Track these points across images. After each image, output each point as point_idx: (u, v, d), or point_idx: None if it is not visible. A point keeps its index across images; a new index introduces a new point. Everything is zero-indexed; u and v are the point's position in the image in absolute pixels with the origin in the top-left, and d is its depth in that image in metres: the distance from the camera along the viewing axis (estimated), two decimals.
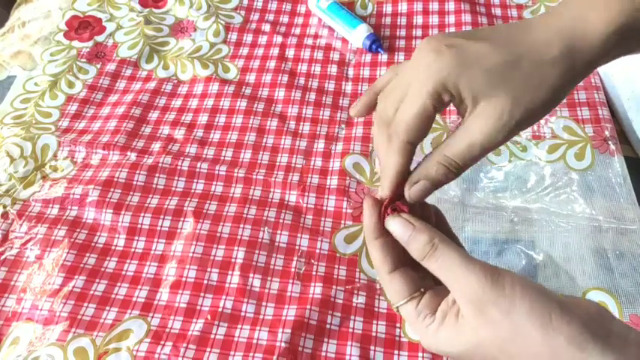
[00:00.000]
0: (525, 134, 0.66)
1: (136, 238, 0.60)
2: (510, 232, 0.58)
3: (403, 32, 0.80)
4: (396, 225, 0.36)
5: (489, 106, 0.34)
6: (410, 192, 0.36)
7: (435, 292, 0.35)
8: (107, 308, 0.55)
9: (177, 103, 0.74)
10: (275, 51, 0.79)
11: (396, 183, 0.37)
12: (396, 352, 0.52)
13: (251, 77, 0.77)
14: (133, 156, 0.67)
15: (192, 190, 0.64)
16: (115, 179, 0.64)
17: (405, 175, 0.37)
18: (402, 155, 0.36)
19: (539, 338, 0.29)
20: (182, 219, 0.61)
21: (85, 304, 0.55)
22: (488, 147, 0.34)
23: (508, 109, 0.33)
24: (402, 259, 0.37)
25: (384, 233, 0.37)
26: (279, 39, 0.81)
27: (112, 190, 0.63)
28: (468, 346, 0.32)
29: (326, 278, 0.56)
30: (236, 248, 0.58)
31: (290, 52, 0.79)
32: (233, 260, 0.58)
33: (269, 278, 0.56)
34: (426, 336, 0.34)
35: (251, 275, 0.57)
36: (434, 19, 0.81)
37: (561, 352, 0.29)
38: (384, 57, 0.77)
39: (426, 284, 0.36)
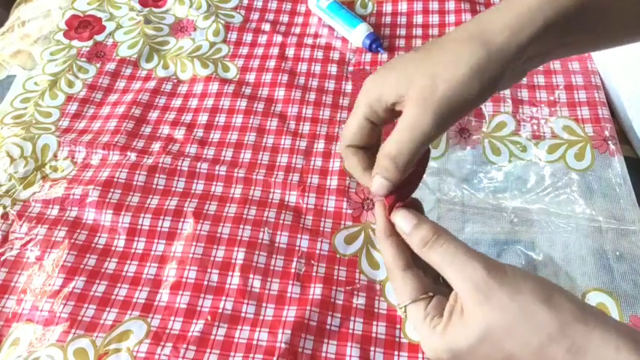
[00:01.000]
0: (525, 134, 0.66)
1: (136, 238, 0.60)
2: (510, 232, 0.58)
3: (403, 31, 0.80)
4: (401, 216, 0.38)
5: (412, 92, 0.35)
6: (372, 188, 0.38)
7: (443, 297, 0.36)
8: (107, 309, 0.55)
9: (177, 102, 0.74)
10: (275, 50, 0.79)
11: (364, 174, 0.40)
12: (396, 352, 0.52)
13: (251, 77, 0.76)
14: (133, 156, 0.67)
15: (192, 191, 0.64)
16: (115, 179, 0.64)
17: (363, 170, 0.40)
18: (350, 155, 0.41)
19: (547, 315, 0.30)
20: (182, 219, 0.61)
21: (85, 305, 0.55)
22: (419, 130, 0.35)
23: (427, 85, 0.34)
24: (412, 261, 0.38)
25: (396, 233, 0.39)
26: (279, 38, 0.81)
27: (112, 190, 0.63)
28: (477, 335, 0.32)
29: (326, 279, 0.56)
30: (236, 249, 0.58)
31: (290, 52, 0.79)
32: (233, 261, 0.58)
33: (269, 279, 0.57)
34: (432, 338, 0.35)
35: (251, 276, 0.57)
36: (434, 19, 0.81)
37: (567, 330, 0.30)
38: (384, 56, 0.77)
39: (434, 289, 0.37)
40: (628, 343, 0.29)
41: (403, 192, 0.39)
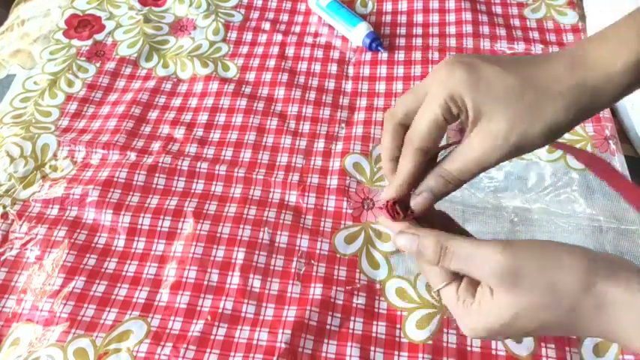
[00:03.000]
0: None
1: (136, 238, 0.60)
2: (510, 232, 0.58)
3: (403, 30, 0.80)
4: (403, 241, 0.39)
5: (488, 126, 0.35)
6: (414, 203, 0.39)
7: (471, 280, 0.38)
8: (107, 309, 0.55)
9: (176, 102, 0.74)
10: (275, 49, 0.79)
11: (407, 186, 0.39)
12: (396, 352, 0.52)
13: (251, 76, 0.76)
14: (132, 156, 0.67)
15: (192, 190, 0.64)
16: (115, 179, 0.64)
17: (415, 179, 0.39)
18: (414, 159, 0.38)
19: (571, 282, 0.33)
20: (182, 219, 0.61)
21: (85, 305, 0.55)
22: (484, 164, 0.36)
23: (504, 132, 0.35)
24: None
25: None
26: (279, 37, 0.81)
27: (111, 190, 0.63)
28: (510, 315, 0.34)
29: (326, 279, 0.56)
30: (236, 249, 0.58)
31: (290, 51, 0.79)
32: (233, 261, 0.58)
33: (269, 279, 0.56)
34: (468, 318, 0.37)
35: (251, 276, 0.56)
36: (434, 18, 0.80)
37: (592, 285, 0.32)
38: (384, 55, 0.77)
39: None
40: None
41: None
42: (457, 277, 0.38)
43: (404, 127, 0.39)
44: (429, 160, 0.39)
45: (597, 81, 0.35)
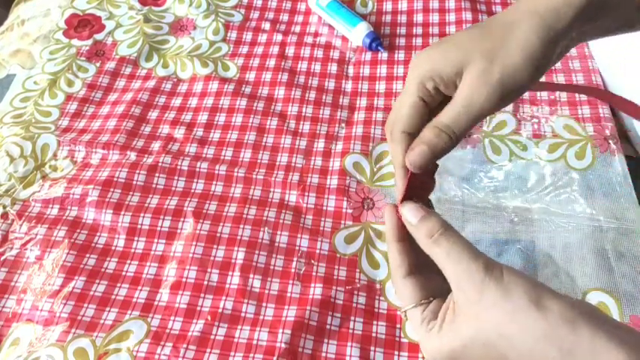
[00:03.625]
0: (526, 133, 0.66)
1: (136, 238, 0.60)
2: (510, 232, 0.58)
3: (403, 30, 0.80)
4: (409, 209, 0.38)
5: (469, 71, 0.36)
6: (409, 157, 0.38)
7: (440, 301, 0.37)
8: (107, 309, 0.55)
9: (176, 102, 0.74)
10: (275, 49, 0.79)
11: (403, 168, 0.39)
12: (396, 352, 0.52)
13: (251, 76, 0.76)
14: (132, 155, 0.67)
15: (192, 190, 0.64)
16: (115, 179, 0.64)
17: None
18: (401, 144, 0.39)
19: (536, 314, 0.30)
20: (182, 219, 0.61)
21: (85, 305, 0.55)
22: (475, 109, 0.36)
23: (486, 68, 0.36)
24: (416, 267, 0.39)
25: (404, 238, 0.39)
26: (279, 37, 0.81)
27: (111, 190, 0.63)
28: (470, 333, 0.32)
29: (326, 279, 0.56)
30: (236, 249, 0.58)
31: (290, 51, 0.79)
32: (233, 261, 0.58)
33: (269, 279, 0.56)
34: (429, 340, 0.35)
35: (251, 276, 0.56)
36: (434, 17, 0.80)
37: (558, 330, 0.30)
38: (384, 55, 0.77)
39: (436, 294, 0.38)
40: (617, 347, 0.29)
41: (414, 195, 0.39)
42: (427, 299, 0.37)
43: (408, 134, 0.39)
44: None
45: (553, 3, 0.36)
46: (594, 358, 0.29)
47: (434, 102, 0.39)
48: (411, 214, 0.38)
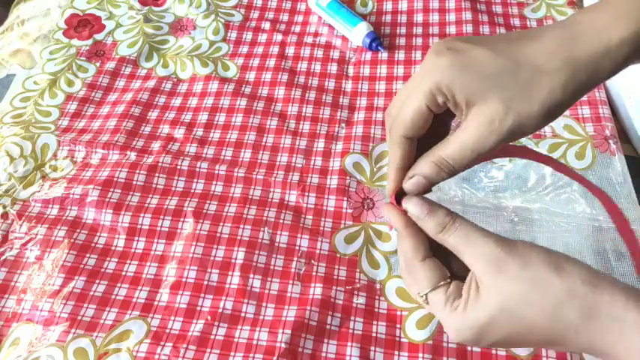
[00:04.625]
0: None
1: (136, 238, 0.60)
2: (511, 232, 0.58)
3: (403, 30, 0.80)
4: (414, 203, 0.38)
5: (482, 110, 0.34)
6: (406, 185, 0.39)
7: (459, 282, 0.37)
8: (107, 309, 0.55)
9: (176, 101, 0.74)
10: (275, 49, 0.79)
11: (397, 172, 0.39)
12: (396, 352, 0.52)
13: (251, 76, 0.76)
14: (132, 155, 0.67)
15: (192, 190, 0.64)
16: (115, 179, 0.64)
17: (405, 165, 0.39)
18: (399, 147, 0.38)
19: (556, 281, 0.32)
20: (182, 219, 0.61)
21: (85, 305, 0.55)
22: (480, 151, 0.35)
23: (499, 115, 0.34)
24: (431, 250, 0.39)
25: (413, 224, 0.39)
26: (279, 37, 0.81)
27: (111, 190, 0.63)
28: (495, 307, 0.33)
29: (326, 279, 0.56)
30: (236, 249, 0.58)
31: (290, 51, 0.79)
32: (233, 261, 0.58)
33: (269, 279, 0.56)
34: (453, 318, 0.36)
35: (251, 276, 0.56)
36: (434, 17, 0.80)
37: (578, 291, 0.32)
38: (384, 55, 0.77)
39: (452, 275, 0.38)
40: (636, 299, 0.31)
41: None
42: (446, 280, 0.37)
43: (406, 139, 0.39)
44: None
45: (594, 55, 0.33)
46: (613, 317, 0.30)
47: (439, 111, 0.38)
48: (416, 208, 0.38)
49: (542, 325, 0.33)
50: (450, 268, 0.39)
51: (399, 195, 0.40)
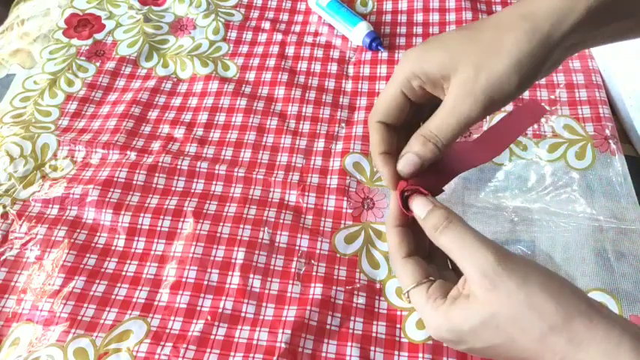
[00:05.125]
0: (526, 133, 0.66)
1: (136, 238, 0.60)
2: (511, 232, 0.58)
3: (404, 30, 0.80)
4: (418, 202, 0.39)
5: (455, 78, 0.36)
6: (399, 166, 0.39)
7: (444, 282, 0.37)
8: (107, 309, 0.55)
9: (176, 101, 0.74)
10: (275, 49, 0.79)
11: (381, 157, 0.40)
12: (396, 352, 0.52)
13: (251, 75, 0.76)
14: (132, 155, 0.67)
15: (192, 190, 0.64)
16: (115, 179, 0.64)
17: (386, 151, 0.40)
18: (376, 132, 0.40)
19: (552, 307, 0.31)
20: (182, 219, 0.61)
21: (85, 305, 0.55)
22: (461, 117, 0.36)
23: (471, 76, 0.35)
24: (415, 251, 0.40)
25: (404, 224, 0.40)
26: (279, 37, 0.81)
27: (111, 189, 0.63)
28: (481, 319, 0.33)
29: (326, 279, 0.56)
30: (236, 249, 0.58)
31: (290, 50, 0.79)
32: (233, 261, 0.58)
33: (269, 279, 0.56)
34: (435, 317, 0.36)
35: (251, 276, 0.56)
36: (434, 17, 0.80)
37: (572, 323, 0.31)
38: (384, 55, 0.77)
39: (436, 276, 0.38)
40: (631, 339, 0.30)
41: (422, 184, 0.39)
42: (428, 279, 0.37)
43: (384, 124, 0.41)
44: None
45: (553, 7, 0.34)
46: (605, 352, 0.30)
47: (419, 99, 0.39)
48: (419, 208, 0.38)
49: (526, 347, 0.32)
50: (442, 268, 0.39)
51: (407, 197, 0.40)
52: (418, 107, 0.41)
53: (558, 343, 0.31)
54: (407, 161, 0.38)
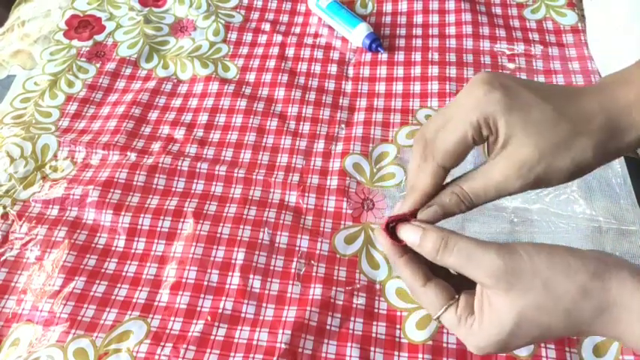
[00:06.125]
0: None
1: (136, 239, 0.60)
2: (510, 232, 0.58)
3: (403, 31, 0.80)
4: (407, 231, 0.38)
5: (515, 152, 0.35)
6: (422, 214, 0.38)
7: (468, 294, 0.37)
8: (107, 309, 0.55)
9: (177, 102, 0.74)
10: (275, 50, 0.79)
11: (421, 201, 0.38)
12: (396, 353, 0.52)
13: (251, 76, 0.76)
14: (132, 156, 0.67)
15: (192, 191, 0.64)
16: (115, 179, 0.64)
17: (431, 195, 0.38)
18: (434, 177, 0.37)
19: (566, 283, 0.33)
20: (182, 220, 0.61)
21: (85, 306, 0.55)
22: (503, 192, 0.36)
23: (530, 162, 0.34)
24: (432, 271, 0.39)
25: (407, 251, 0.39)
26: (279, 38, 0.81)
27: (112, 190, 0.63)
28: (513, 321, 0.34)
29: (326, 279, 0.56)
30: (236, 249, 0.58)
31: (290, 52, 0.79)
32: (233, 261, 0.58)
33: (269, 279, 0.57)
34: (472, 336, 0.36)
35: (251, 276, 0.57)
36: (434, 18, 0.81)
37: (588, 289, 0.32)
38: (384, 56, 0.77)
39: (459, 289, 0.38)
40: None
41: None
42: (453, 298, 0.37)
43: (443, 169, 0.38)
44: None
45: (625, 126, 0.35)
46: (621, 307, 0.32)
47: (479, 144, 0.37)
48: (410, 237, 0.37)
49: (558, 325, 0.33)
50: (456, 282, 0.39)
51: (390, 222, 0.39)
52: None
53: (583, 312, 0.32)
54: (431, 214, 0.37)
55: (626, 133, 0.35)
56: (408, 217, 0.38)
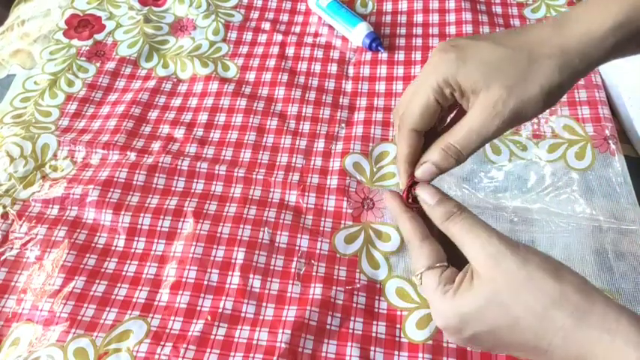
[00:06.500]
0: (526, 133, 0.66)
1: (136, 238, 0.60)
2: (510, 232, 0.58)
3: (403, 30, 0.80)
4: (426, 190, 0.40)
5: (486, 96, 0.37)
6: (417, 172, 0.40)
7: (456, 270, 0.38)
8: (107, 309, 0.55)
9: (176, 102, 0.74)
10: (275, 49, 0.79)
11: (407, 164, 0.41)
12: (396, 352, 0.52)
13: (251, 76, 0.76)
14: (132, 155, 0.67)
15: (192, 190, 0.64)
16: (115, 179, 0.64)
17: (414, 158, 0.41)
18: (408, 141, 0.40)
19: (551, 282, 0.33)
20: (182, 219, 0.61)
21: (85, 305, 0.55)
22: (485, 135, 0.38)
23: (502, 98, 0.36)
24: (429, 234, 0.40)
25: (410, 210, 0.41)
26: (279, 37, 0.81)
27: (111, 190, 0.63)
28: (485, 297, 0.34)
29: (326, 279, 0.56)
30: (236, 249, 0.58)
31: (290, 51, 0.79)
32: (233, 261, 0.58)
33: (269, 279, 0.57)
34: (442, 303, 0.37)
35: (251, 276, 0.57)
36: (434, 18, 0.80)
37: (571, 297, 0.32)
38: (384, 55, 0.77)
39: (450, 263, 0.39)
40: (628, 315, 0.31)
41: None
42: (442, 264, 0.38)
43: (415, 132, 0.40)
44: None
45: (582, 41, 0.37)
46: (604, 328, 0.31)
47: (446, 104, 0.40)
48: (428, 196, 0.39)
49: (528, 324, 0.33)
50: (450, 259, 0.40)
51: (410, 187, 0.41)
52: None
53: (560, 317, 0.32)
54: (426, 170, 0.40)
55: (586, 48, 0.37)
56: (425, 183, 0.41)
